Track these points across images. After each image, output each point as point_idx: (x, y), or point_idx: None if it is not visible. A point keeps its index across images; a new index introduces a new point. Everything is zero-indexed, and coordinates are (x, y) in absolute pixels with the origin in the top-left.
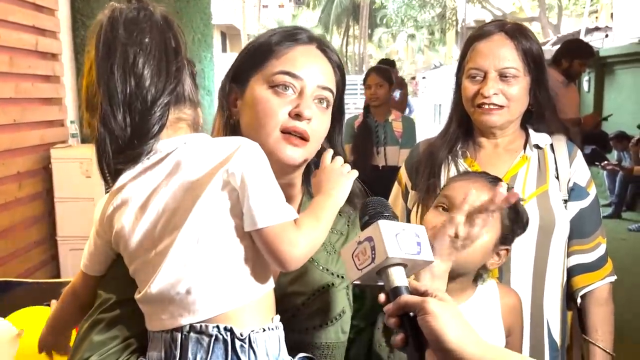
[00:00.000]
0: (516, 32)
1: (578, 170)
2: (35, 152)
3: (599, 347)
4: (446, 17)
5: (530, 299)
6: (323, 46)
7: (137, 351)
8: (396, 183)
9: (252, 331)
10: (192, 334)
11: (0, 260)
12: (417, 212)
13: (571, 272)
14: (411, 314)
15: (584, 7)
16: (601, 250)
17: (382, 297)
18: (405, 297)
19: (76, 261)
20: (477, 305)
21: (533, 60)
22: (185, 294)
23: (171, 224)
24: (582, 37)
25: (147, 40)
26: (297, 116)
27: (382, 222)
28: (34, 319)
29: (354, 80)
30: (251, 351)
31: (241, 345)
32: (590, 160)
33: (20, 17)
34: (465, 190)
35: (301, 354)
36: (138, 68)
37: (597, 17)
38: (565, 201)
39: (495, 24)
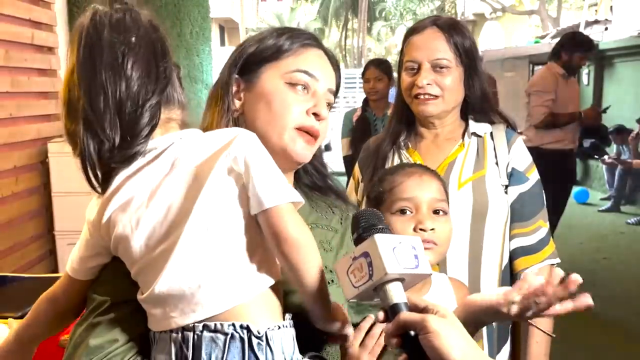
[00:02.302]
0: (448, 26)
1: (516, 156)
2: (32, 146)
3: (537, 328)
4: (445, 10)
5: (467, 282)
6: (327, 51)
7: (140, 354)
8: (351, 178)
9: (268, 328)
10: (205, 333)
11: None
12: (363, 203)
13: (513, 254)
14: (412, 332)
15: (584, 0)
16: (542, 234)
17: (380, 315)
18: (405, 315)
19: None
20: (436, 299)
21: (465, 52)
22: (197, 287)
23: (178, 217)
24: (581, 30)
25: (134, 40)
26: (315, 115)
27: (378, 237)
28: None
29: (353, 74)
30: (268, 349)
31: (258, 343)
32: (590, 154)
33: (15, 10)
34: (420, 185)
35: (311, 353)
36: (127, 68)
37: (596, 10)
38: (506, 187)
39: (429, 19)
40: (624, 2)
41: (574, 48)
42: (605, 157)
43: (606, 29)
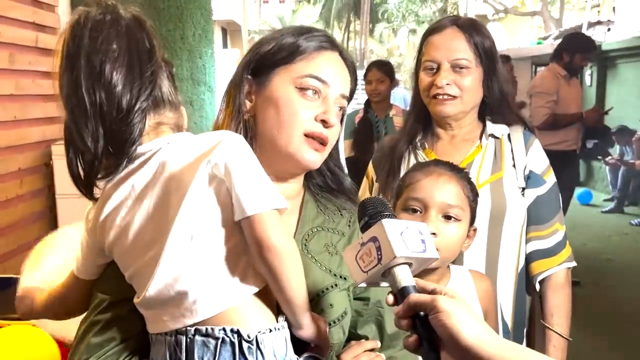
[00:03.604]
0: (468, 26)
1: (534, 158)
2: (36, 148)
3: (554, 331)
4: (447, 11)
5: None
6: (344, 54)
7: (135, 353)
8: (365, 178)
9: (259, 332)
10: (197, 337)
11: (2, 257)
12: None
13: (529, 258)
14: (422, 313)
15: (586, 1)
16: (559, 237)
17: (390, 298)
18: (415, 297)
19: None
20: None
21: (485, 53)
22: (184, 292)
23: (163, 224)
24: (584, 31)
25: (114, 46)
26: (323, 122)
27: (386, 221)
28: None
29: None
30: (259, 352)
31: (249, 347)
32: (593, 154)
33: (19, 14)
34: (434, 187)
35: (307, 354)
36: (106, 77)
37: (599, 11)
38: (523, 189)
39: (449, 18)
40: (627, 3)
41: (575, 49)
42: (609, 158)
43: (609, 29)
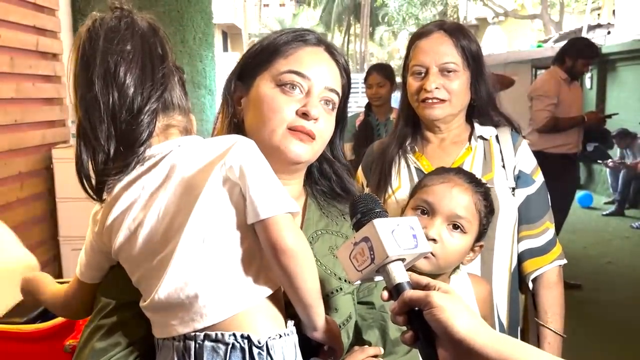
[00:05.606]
0: (455, 30)
1: (523, 158)
2: (36, 152)
3: (549, 329)
4: (447, 14)
5: None
6: (331, 49)
7: (140, 357)
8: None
9: (269, 338)
10: (207, 343)
11: None
12: None
13: (521, 257)
14: (417, 309)
15: (586, 4)
16: (549, 235)
17: (385, 294)
18: (409, 293)
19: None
20: None
21: (472, 56)
22: (195, 296)
23: (174, 227)
24: (584, 34)
25: (128, 48)
26: (304, 115)
27: (377, 222)
28: None
29: (355, 79)
30: (269, 358)
31: (259, 353)
32: (593, 157)
33: (20, 17)
34: (445, 194)
35: (314, 358)
36: (119, 77)
37: (599, 14)
38: (513, 189)
39: (435, 23)
40: (627, 6)
41: (578, 54)
42: (609, 160)
43: (609, 32)
